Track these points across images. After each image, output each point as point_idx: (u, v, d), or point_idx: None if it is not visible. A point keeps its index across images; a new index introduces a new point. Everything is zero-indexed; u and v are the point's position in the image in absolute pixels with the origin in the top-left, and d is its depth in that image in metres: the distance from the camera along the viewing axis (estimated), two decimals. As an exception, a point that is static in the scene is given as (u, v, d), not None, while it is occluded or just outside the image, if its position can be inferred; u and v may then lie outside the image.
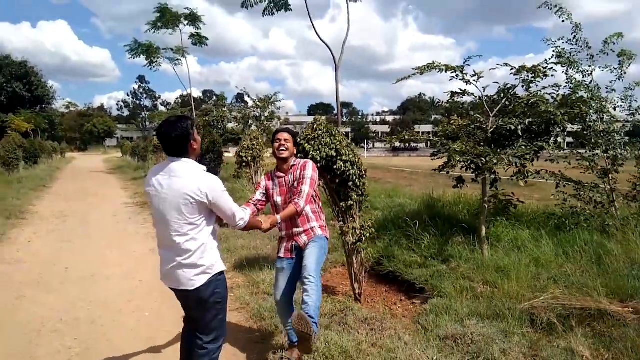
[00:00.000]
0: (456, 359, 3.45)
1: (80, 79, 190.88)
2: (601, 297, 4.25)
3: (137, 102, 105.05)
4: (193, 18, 21.81)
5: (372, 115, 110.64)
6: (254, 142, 10.49)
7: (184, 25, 21.93)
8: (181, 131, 2.66)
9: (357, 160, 5.38)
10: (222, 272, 2.82)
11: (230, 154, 20.93)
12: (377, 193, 11.14)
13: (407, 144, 67.82)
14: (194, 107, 25.41)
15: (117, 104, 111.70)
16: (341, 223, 5.43)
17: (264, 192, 3.68)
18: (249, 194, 9.37)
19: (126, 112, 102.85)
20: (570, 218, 6.42)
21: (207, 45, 22.93)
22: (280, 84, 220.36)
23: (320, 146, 5.37)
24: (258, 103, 19.56)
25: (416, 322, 4.41)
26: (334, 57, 11.53)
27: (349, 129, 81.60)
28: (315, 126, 5.65)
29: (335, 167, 5.17)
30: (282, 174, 3.63)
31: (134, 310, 5.00)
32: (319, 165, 5.31)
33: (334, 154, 5.15)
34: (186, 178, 2.63)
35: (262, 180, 3.80)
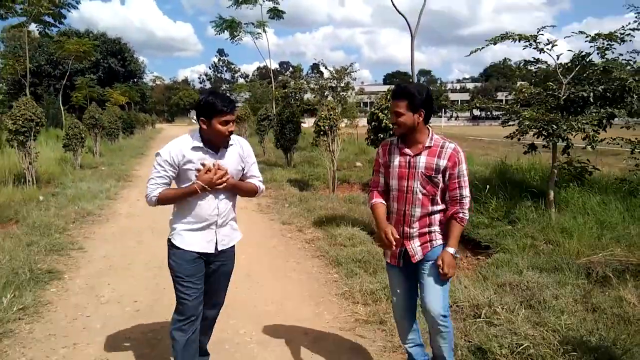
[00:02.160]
0: (509, 299, 3.93)
1: (165, 53, 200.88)
2: (661, 256, 4.47)
3: (218, 74, 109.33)
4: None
5: (452, 82, 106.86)
6: (331, 112, 11.08)
7: (264, 0, 22.74)
8: (197, 104, 2.63)
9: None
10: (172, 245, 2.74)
11: (305, 124, 21.73)
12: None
13: (489, 112, 65.08)
14: (272, 79, 26.45)
15: (199, 77, 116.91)
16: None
17: (382, 170, 2.77)
18: (326, 161, 10.05)
19: (208, 85, 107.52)
20: (644, 184, 6.44)
21: (283, 18, 23.66)
22: (356, 52, 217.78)
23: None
24: (334, 74, 20.05)
25: (478, 272, 4.90)
26: (409, 25, 11.69)
27: (425, 98, 79.60)
28: (388, 96, 6.15)
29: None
30: (408, 151, 2.60)
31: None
32: (392, 131, 5.84)
33: (407, 122, 5.66)
34: None
35: (378, 153, 2.83)
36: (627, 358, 3.03)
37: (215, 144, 2.63)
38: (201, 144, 2.61)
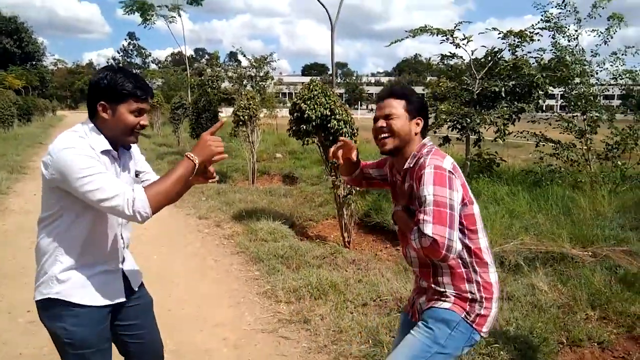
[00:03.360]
0: (431, 291, 3.95)
1: (68, 34, 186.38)
2: (565, 243, 4.76)
3: (127, 59, 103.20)
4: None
5: (367, 76, 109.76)
6: (251, 102, 10.77)
7: (178, -19, 21.64)
8: (94, 82, 1.79)
9: (349, 119, 5.77)
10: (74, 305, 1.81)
11: (223, 114, 21.07)
12: (369, 153, 11.55)
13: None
14: (187, 66, 25.33)
15: (107, 62, 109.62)
16: (333, 177, 5.85)
17: (384, 173, 2.23)
18: (246, 152, 9.74)
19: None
20: (546, 175, 6.89)
21: (202, 5, 22.71)
22: (274, 42, 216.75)
23: (315, 105, 5.77)
24: (254, 63, 19.60)
25: (399, 264, 4.92)
26: (330, 17, 11.64)
27: (342, 90, 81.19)
28: (311, 86, 6.01)
29: (329, 125, 5.57)
30: (397, 174, 2.05)
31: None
32: (315, 123, 5.69)
33: (329, 113, 5.55)
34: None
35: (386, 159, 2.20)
36: (544, 347, 3.14)
37: (117, 142, 1.84)
38: (109, 146, 1.80)
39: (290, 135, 6.37)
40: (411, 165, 1.89)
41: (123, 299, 1.95)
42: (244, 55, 20.64)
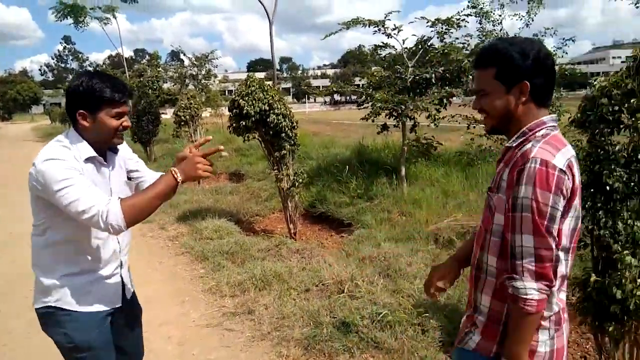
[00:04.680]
0: (369, 271, 4.14)
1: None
2: (493, 217, 5.09)
3: (63, 65, 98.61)
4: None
5: (313, 69, 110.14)
6: (192, 101, 10.67)
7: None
8: (71, 90, 1.78)
9: (288, 113, 5.87)
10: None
11: (167, 115, 20.65)
12: (314, 145, 11.71)
13: (349, 97, 68.46)
14: (126, 68, 24.55)
15: (40, 68, 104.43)
16: (276, 171, 5.94)
17: None
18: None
19: (51, 77, 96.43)
20: (478, 155, 7.27)
21: (137, 2, 22.04)
22: (217, 39, 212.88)
23: (253, 101, 5.83)
24: (194, 62, 19.28)
25: (341, 250, 5.10)
26: (267, 12, 11.67)
27: (289, 85, 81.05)
28: (248, 82, 6.07)
29: (268, 120, 5.65)
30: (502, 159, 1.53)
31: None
32: (254, 118, 5.75)
33: (267, 108, 5.62)
34: None
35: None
36: (470, 311, 3.39)
37: (102, 147, 1.83)
38: (94, 153, 1.78)
39: (231, 132, 6.41)
40: (514, 145, 1.45)
41: (120, 304, 1.95)
42: (184, 54, 20.31)
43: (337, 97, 71.75)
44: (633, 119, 2.31)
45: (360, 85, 8.94)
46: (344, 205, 6.57)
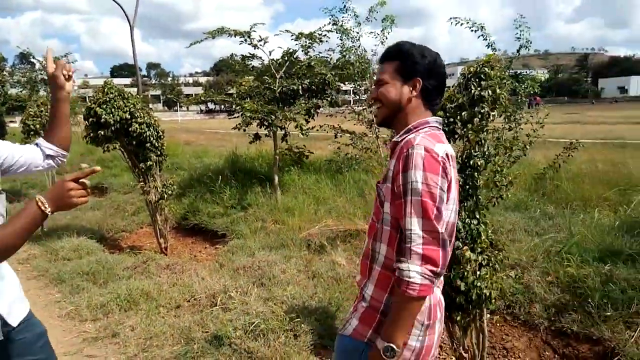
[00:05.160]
0: (243, 281, 4.14)
1: None
2: (359, 220, 5.41)
3: None
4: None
5: (185, 76, 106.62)
6: (42, 109, 9.66)
7: None
8: None
9: (153, 122, 5.62)
10: None
11: (16, 123, 18.43)
12: (185, 155, 11.35)
13: (223, 105, 67.54)
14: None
15: None
16: (142, 183, 5.64)
17: None
18: (43, 164, 8.73)
19: None
20: (345, 162, 7.68)
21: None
22: (74, 41, 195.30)
23: (112, 109, 5.48)
24: (46, 65, 17.49)
25: (215, 261, 5.01)
26: (127, 15, 11.05)
27: (158, 92, 77.38)
28: (106, 89, 5.69)
29: (130, 129, 5.35)
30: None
31: None
32: (114, 127, 5.39)
33: (129, 117, 5.33)
34: None
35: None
36: (340, 312, 3.57)
37: None
38: None
39: (88, 142, 5.94)
40: (399, 140, 1.53)
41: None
42: (34, 57, 18.30)
43: (211, 105, 70.34)
44: (465, 130, 2.65)
45: (230, 95, 8.90)
46: (217, 216, 6.47)
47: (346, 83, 7.99)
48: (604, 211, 5.06)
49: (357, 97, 8.22)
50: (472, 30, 5.53)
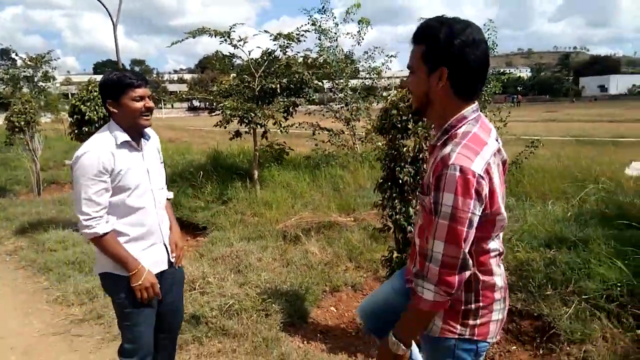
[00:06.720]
0: (221, 269, 4.43)
1: None
2: (333, 213, 5.74)
3: None
4: None
5: (169, 73, 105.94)
6: (27, 106, 9.81)
7: None
8: (99, 86, 2.20)
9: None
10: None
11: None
12: (168, 152, 11.56)
13: (207, 103, 67.29)
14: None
15: None
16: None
17: None
18: (27, 162, 8.90)
19: None
20: (323, 158, 8.00)
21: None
22: (56, 37, 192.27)
23: (97, 106, 5.73)
24: (29, 62, 17.46)
25: (196, 252, 5.29)
26: (108, 11, 11.20)
27: (143, 89, 76.75)
28: (90, 87, 5.93)
29: (114, 126, 5.59)
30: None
31: None
32: (97, 124, 5.62)
33: (112, 114, 5.57)
34: None
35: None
36: (309, 294, 3.89)
37: (133, 131, 2.16)
38: (128, 137, 2.12)
39: (73, 138, 6.16)
40: (438, 144, 1.43)
41: (165, 267, 2.29)
42: (16, 53, 18.31)
43: (196, 103, 70.11)
44: (416, 127, 2.98)
45: (212, 93, 9.16)
46: (199, 210, 6.74)
47: (324, 82, 8.30)
48: (560, 203, 5.45)
49: (335, 95, 8.56)
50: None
